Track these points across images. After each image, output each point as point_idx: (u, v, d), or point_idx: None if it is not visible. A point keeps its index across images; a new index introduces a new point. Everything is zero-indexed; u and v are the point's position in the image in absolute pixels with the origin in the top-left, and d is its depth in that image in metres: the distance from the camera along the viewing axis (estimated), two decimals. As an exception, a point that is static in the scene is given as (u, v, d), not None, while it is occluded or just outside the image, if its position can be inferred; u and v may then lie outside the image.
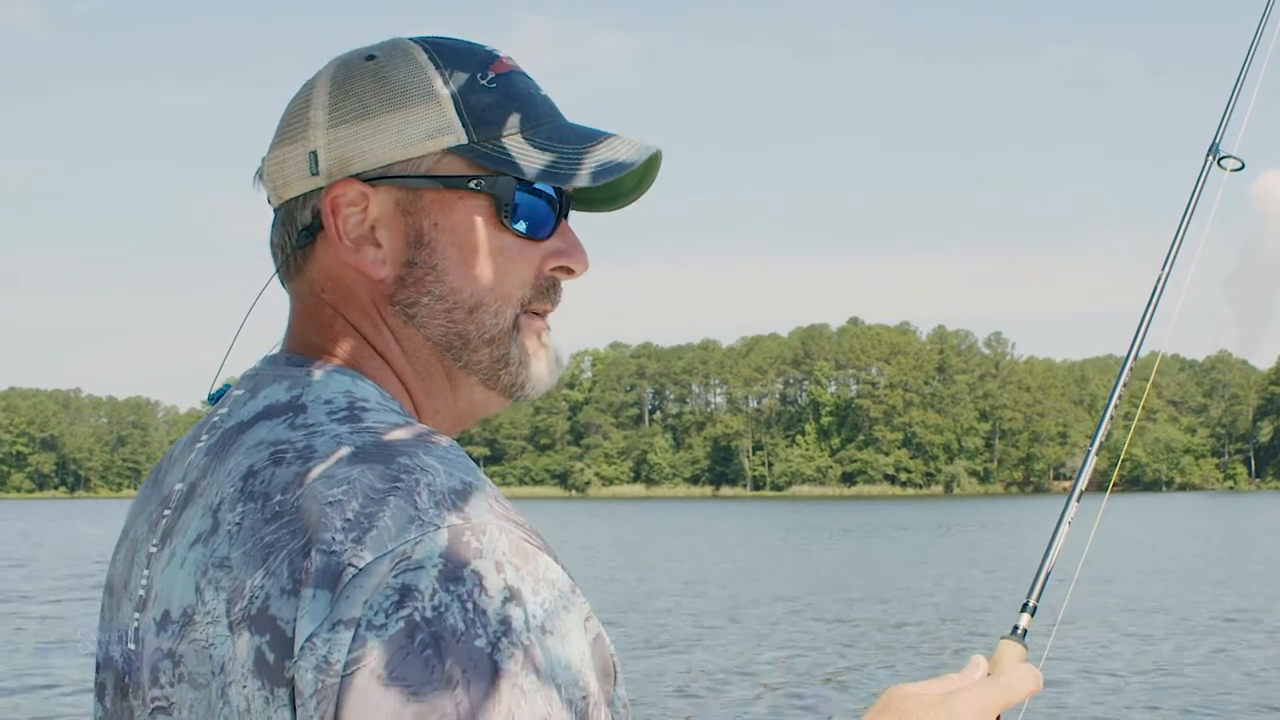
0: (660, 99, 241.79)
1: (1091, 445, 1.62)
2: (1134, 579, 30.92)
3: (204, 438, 1.26)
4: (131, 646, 1.23)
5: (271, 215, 1.33)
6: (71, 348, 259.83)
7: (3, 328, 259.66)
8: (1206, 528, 61.44)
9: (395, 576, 1.03)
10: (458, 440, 1.23)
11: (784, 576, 33.44)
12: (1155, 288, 1.72)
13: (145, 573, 1.23)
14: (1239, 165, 1.76)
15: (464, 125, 1.24)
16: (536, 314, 1.31)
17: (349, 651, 1.02)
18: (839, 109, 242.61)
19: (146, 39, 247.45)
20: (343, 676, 1.02)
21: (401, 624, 1.02)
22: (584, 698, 1.05)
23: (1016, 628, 1.45)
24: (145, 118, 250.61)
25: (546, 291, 1.31)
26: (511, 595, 1.04)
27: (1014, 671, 1.35)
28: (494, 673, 1.01)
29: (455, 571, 1.04)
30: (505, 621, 1.03)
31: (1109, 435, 1.61)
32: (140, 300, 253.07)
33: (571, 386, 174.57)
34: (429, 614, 1.02)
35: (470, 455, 1.16)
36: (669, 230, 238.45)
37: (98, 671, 1.31)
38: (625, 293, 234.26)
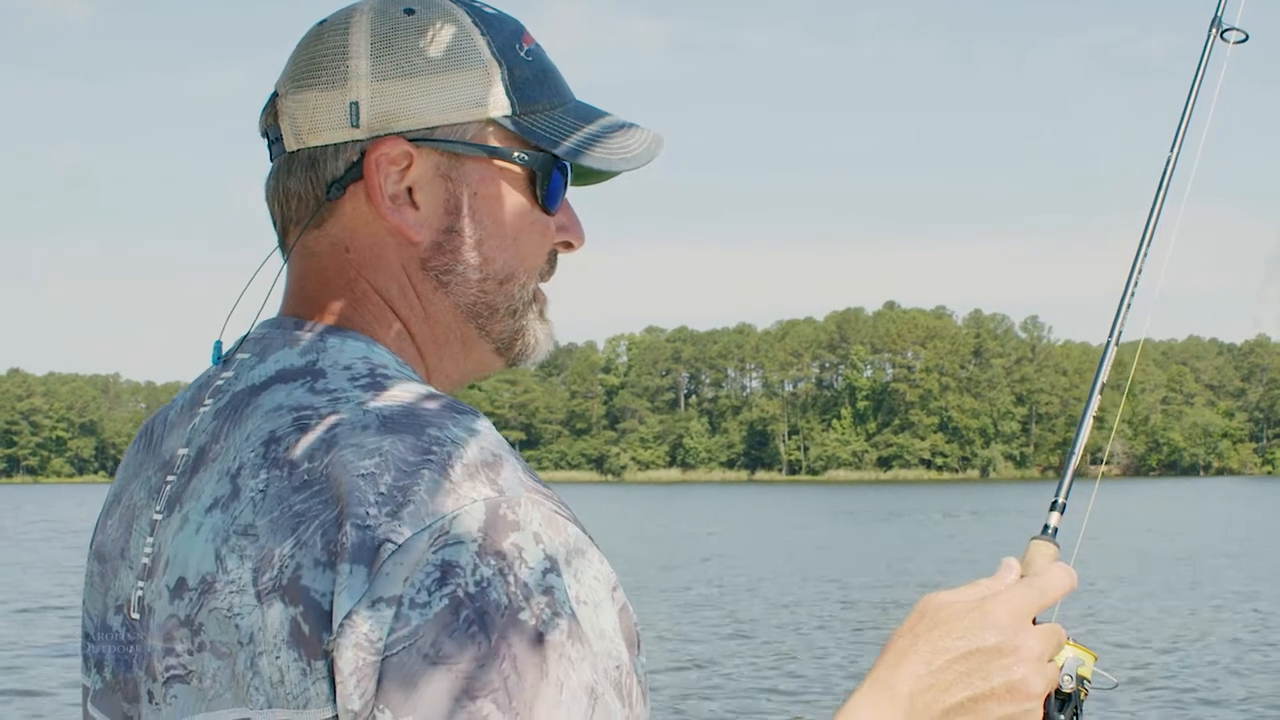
0: (692, 83, 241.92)
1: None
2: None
3: (208, 401, 1.24)
4: (135, 616, 1.20)
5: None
6: (110, 332, 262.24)
7: (43, 312, 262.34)
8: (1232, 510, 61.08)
9: (435, 553, 1.03)
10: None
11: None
12: (1164, 170, 1.65)
13: (150, 540, 1.21)
14: (1243, 37, 1.70)
15: (509, 97, 1.25)
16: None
17: (390, 630, 1.02)
18: (874, 93, 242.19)
19: (194, 23, 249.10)
20: (384, 655, 1.02)
21: (446, 601, 1.01)
22: (617, 667, 1.06)
23: (1047, 526, 1.40)
24: (191, 102, 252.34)
25: (552, 265, 1.34)
26: (551, 566, 1.05)
27: (1047, 572, 1.32)
28: (540, 645, 1.02)
29: (495, 545, 1.04)
30: (548, 593, 1.04)
31: (1146, 419, 1.66)
32: (179, 284, 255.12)
33: (607, 371, 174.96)
34: (472, 589, 1.02)
35: (507, 440, 1.15)
36: (703, 214, 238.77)
37: (89, 641, 1.27)
38: (660, 277, 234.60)
